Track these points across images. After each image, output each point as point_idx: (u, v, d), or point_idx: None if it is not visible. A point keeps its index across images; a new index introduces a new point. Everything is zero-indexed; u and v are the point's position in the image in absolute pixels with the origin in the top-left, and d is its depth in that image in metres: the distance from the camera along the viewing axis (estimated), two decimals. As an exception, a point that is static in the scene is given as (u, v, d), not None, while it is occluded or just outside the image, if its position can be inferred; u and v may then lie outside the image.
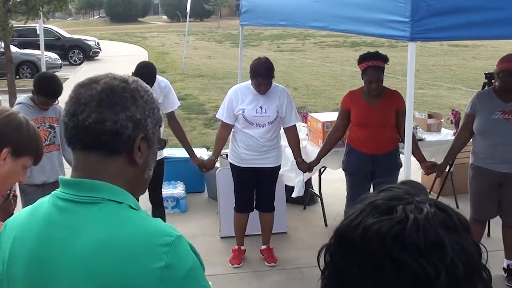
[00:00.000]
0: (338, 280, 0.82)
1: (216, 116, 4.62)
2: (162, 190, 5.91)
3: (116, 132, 1.17)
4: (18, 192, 3.32)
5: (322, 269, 0.85)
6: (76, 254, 1.13)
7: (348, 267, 0.80)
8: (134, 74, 3.93)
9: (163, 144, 1.33)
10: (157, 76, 4.42)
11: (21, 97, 4.06)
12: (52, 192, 1.23)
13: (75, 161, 1.23)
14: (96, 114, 1.16)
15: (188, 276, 1.12)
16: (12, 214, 2.10)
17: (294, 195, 5.50)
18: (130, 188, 1.22)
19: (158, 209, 4.64)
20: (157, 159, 1.37)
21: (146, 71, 4.13)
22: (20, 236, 1.23)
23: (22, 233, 1.23)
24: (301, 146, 4.69)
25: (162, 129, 1.35)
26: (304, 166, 4.61)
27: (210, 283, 1.21)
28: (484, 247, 0.81)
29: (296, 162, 4.61)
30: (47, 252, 1.17)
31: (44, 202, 1.24)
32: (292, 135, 4.53)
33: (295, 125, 4.52)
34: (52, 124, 3.97)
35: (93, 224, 1.14)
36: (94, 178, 1.18)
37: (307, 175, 5.18)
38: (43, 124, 3.88)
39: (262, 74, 4.22)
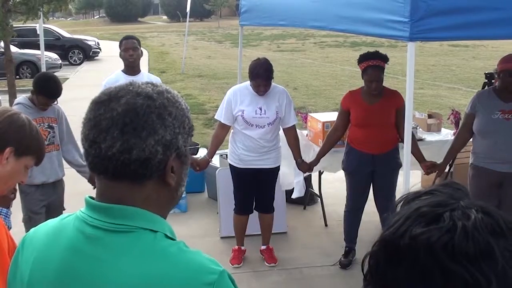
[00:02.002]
0: (382, 286, 0.81)
1: (215, 117, 4.61)
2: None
3: (145, 160, 1.05)
4: (17, 193, 3.32)
5: (364, 273, 0.84)
6: None
7: (394, 274, 0.79)
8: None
9: (195, 151, 1.24)
10: (148, 73, 4.45)
11: (19, 97, 4.06)
12: (77, 214, 1.12)
13: (100, 187, 1.11)
14: (120, 142, 1.03)
15: None
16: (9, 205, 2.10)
17: (294, 195, 5.50)
18: (162, 210, 1.12)
19: None
20: None
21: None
22: (42, 260, 1.12)
23: (43, 257, 1.12)
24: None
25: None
26: (304, 167, 4.60)
27: None
28: None
29: (296, 162, 4.60)
30: (73, 284, 1.06)
31: (69, 224, 1.12)
32: (292, 135, 4.53)
33: (294, 125, 4.51)
34: (51, 124, 3.97)
35: (126, 259, 1.03)
36: (123, 204, 1.07)
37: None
38: (42, 124, 3.87)
39: (261, 76, 4.21)
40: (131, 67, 4.43)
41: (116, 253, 1.04)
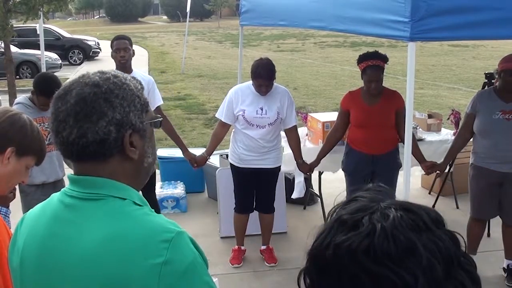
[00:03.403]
0: None
1: (216, 115, 4.61)
2: (162, 190, 5.94)
3: (101, 140, 1.19)
4: (18, 193, 3.32)
5: None
6: (79, 251, 1.16)
7: (327, 286, 0.79)
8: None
9: (158, 124, 1.31)
10: (141, 73, 4.44)
11: (20, 97, 4.06)
12: (62, 189, 1.28)
13: (74, 169, 1.27)
14: (76, 129, 1.19)
15: (188, 271, 1.13)
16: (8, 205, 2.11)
17: (294, 196, 5.50)
18: (132, 181, 1.26)
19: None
20: None
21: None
22: (32, 231, 1.28)
23: (33, 228, 1.28)
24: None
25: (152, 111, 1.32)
26: (305, 168, 4.60)
27: (216, 279, 1.20)
28: (461, 235, 0.80)
29: (297, 163, 4.60)
30: (53, 247, 1.21)
31: (54, 198, 1.29)
32: (293, 136, 4.52)
33: (295, 126, 4.51)
34: (51, 124, 3.96)
35: (96, 221, 1.17)
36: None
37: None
38: (42, 124, 3.87)
39: (263, 76, 4.21)
40: (123, 68, 4.41)
41: (87, 216, 1.19)
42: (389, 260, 0.74)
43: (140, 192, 1.30)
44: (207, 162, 4.72)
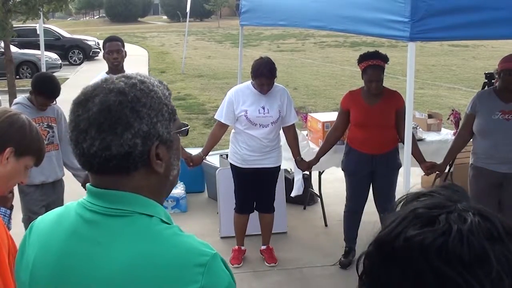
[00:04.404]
0: (377, 286, 0.80)
1: (215, 116, 4.60)
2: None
3: (125, 154, 1.08)
4: (17, 193, 3.32)
5: (359, 274, 0.84)
6: (105, 273, 1.06)
7: (388, 275, 0.78)
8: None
9: (186, 132, 1.22)
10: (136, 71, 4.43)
11: (19, 97, 4.06)
12: (79, 201, 1.17)
13: (93, 181, 1.16)
14: (99, 141, 1.08)
15: None
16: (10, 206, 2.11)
17: (293, 193, 5.50)
18: (157, 196, 1.16)
19: None
20: None
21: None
22: (45, 244, 1.17)
23: (47, 241, 1.17)
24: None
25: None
26: (304, 165, 4.61)
27: None
28: None
29: (295, 161, 4.61)
30: (72, 266, 1.11)
31: (71, 209, 1.17)
32: (291, 134, 4.53)
33: (294, 124, 4.52)
34: (50, 123, 3.97)
35: (123, 240, 1.07)
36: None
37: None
38: (41, 123, 3.87)
39: (265, 74, 4.21)
40: (116, 69, 4.41)
41: (113, 235, 1.08)
42: (460, 264, 0.73)
43: None
44: (207, 162, 4.72)
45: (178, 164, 1.21)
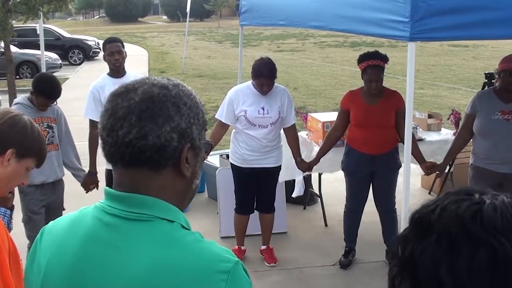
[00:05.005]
0: (410, 268, 0.82)
1: (215, 116, 4.61)
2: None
3: (161, 146, 1.07)
4: (17, 193, 3.32)
5: (389, 261, 0.86)
6: (124, 280, 1.04)
7: (422, 248, 0.80)
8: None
9: (209, 148, 1.21)
10: (134, 73, 4.44)
11: (19, 97, 4.06)
12: (97, 204, 1.14)
13: (118, 177, 1.13)
14: (137, 129, 1.06)
15: None
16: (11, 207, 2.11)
17: (294, 194, 5.50)
18: (178, 201, 1.14)
19: None
20: None
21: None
22: (59, 248, 1.14)
23: (61, 246, 1.14)
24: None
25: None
26: (304, 166, 4.60)
27: None
28: None
29: (296, 161, 4.61)
30: (89, 271, 1.08)
31: (87, 214, 1.14)
32: (292, 134, 4.53)
33: (294, 124, 4.52)
34: (50, 124, 3.97)
35: (144, 245, 1.05)
36: (140, 193, 1.09)
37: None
38: (41, 124, 3.87)
39: (265, 75, 4.21)
40: (117, 71, 4.40)
41: (133, 240, 1.06)
42: (494, 229, 0.76)
43: None
44: (207, 162, 4.72)
45: (200, 174, 1.20)
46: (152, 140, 1.07)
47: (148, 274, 1.02)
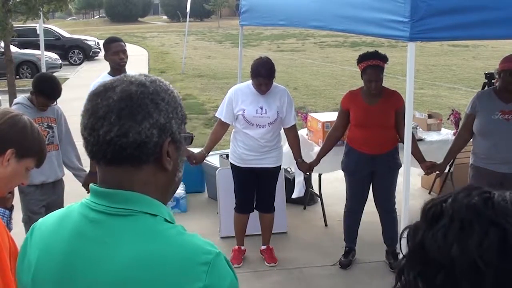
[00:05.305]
0: (419, 255, 0.82)
1: (216, 114, 4.62)
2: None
3: (141, 143, 1.10)
4: (17, 193, 3.32)
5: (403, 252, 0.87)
6: (109, 273, 1.07)
7: (432, 236, 0.81)
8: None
9: (190, 140, 1.24)
10: (133, 73, 4.43)
11: (19, 97, 4.06)
12: (82, 201, 1.17)
13: (101, 174, 1.16)
14: (117, 127, 1.09)
15: None
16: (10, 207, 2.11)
17: (294, 195, 5.50)
18: (161, 195, 1.17)
19: None
20: None
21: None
22: (48, 245, 1.17)
23: (50, 242, 1.17)
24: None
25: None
26: (304, 166, 4.60)
27: None
28: None
29: (296, 162, 4.60)
30: (77, 267, 1.11)
31: (74, 211, 1.18)
32: (292, 135, 4.52)
33: (295, 125, 4.51)
34: (50, 124, 3.97)
35: (126, 240, 1.08)
36: (124, 189, 1.12)
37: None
38: (41, 124, 3.87)
39: (262, 74, 4.21)
40: (120, 70, 4.40)
41: (117, 235, 1.09)
42: (505, 214, 0.79)
43: None
44: (207, 162, 4.72)
45: (182, 167, 1.23)
46: (133, 137, 1.09)
47: (132, 267, 1.05)
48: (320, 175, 5.53)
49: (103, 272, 1.08)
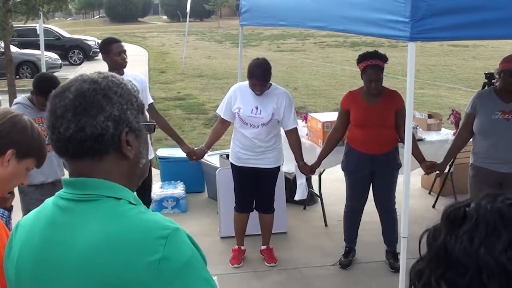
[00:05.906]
0: (441, 258, 0.83)
1: (216, 111, 4.67)
2: (162, 190, 5.94)
3: (99, 135, 1.19)
4: (17, 193, 3.31)
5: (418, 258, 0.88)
6: (76, 254, 1.15)
7: (456, 239, 0.82)
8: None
9: (152, 128, 1.33)
10: (132, 72, 4.45)
11: (19, 97, 4.06)
12: (57, 193, 1.27)
13: (69, 167, 1.27)
14: (74, 123, 1.18)
15: (186, 267, 1.13)
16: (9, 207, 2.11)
17: (296, 197, 5.45)
18: (127, 181, 1.25)
19: None
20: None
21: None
22: (27, 239, 1.26)
23: (28, 235, 1.26)
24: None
25: (147, 114, 1.35)
26: (306, 169, 4.57)
27: (215, 277, 1.20)
28: None
29: (298, 165, 4.59)
30: (50, 253, 1.19)
31: (49, 203, 1.27)
32: (293, 138, 4.50)
33: (296, 128, 4.48)
34: (51, 124, 3.96)
35: (91, 222, 1.16)
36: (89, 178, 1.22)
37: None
38: (41, 124, 3.87)
39: (256, 75, 4.22)
40: (119, 70, 4.40)
41: (84, 218, 1.18)
42: None
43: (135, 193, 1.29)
44: (207, 162, 4.73)
45: (147, 155, 1.31)
46: (90, 131, 1.18)
47: (96, 246, 1.13)
48: (320, 175, 5.52)
49: (72, 255, 1.15)
